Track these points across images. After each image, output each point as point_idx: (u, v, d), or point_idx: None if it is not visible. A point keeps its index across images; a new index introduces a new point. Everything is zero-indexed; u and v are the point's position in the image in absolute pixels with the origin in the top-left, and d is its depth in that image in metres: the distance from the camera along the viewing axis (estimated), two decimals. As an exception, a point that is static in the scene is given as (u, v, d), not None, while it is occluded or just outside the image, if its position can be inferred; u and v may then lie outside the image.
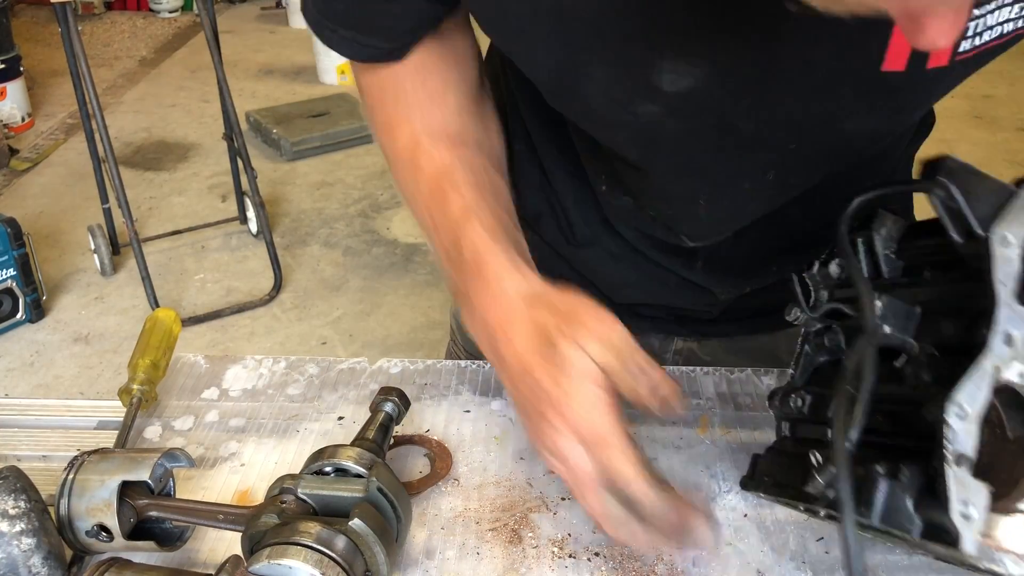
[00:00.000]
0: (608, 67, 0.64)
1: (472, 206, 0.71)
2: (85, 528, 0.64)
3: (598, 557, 0.68)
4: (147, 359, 0.82)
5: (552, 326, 0.63)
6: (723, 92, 0.63)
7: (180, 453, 0.68)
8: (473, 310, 0.69)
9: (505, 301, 0.66)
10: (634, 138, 0.70)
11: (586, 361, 0.61)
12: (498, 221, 0.71)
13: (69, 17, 2.67)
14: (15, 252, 2.79)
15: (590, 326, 0.62)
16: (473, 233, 0.69)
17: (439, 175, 0.73)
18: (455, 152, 0.74)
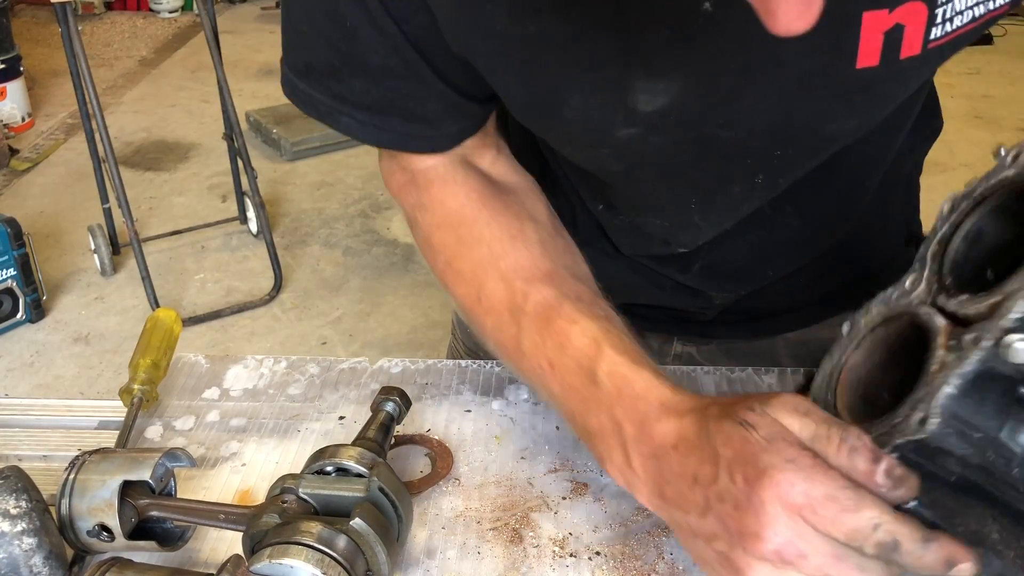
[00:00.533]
0: (584, 93, 0.63)
1: (598, 336, 0.64)
2: (86, 528, 0.64)
3: (599, 556, 0.68)
4: (148, 359, 0.82)
5: (726, 413, 0.54)
6: (700, 105, 0.62)
7: (181, 453, 0.68)
8: (627, 440, 0.60)
9: (666, 420, 0.58)
10: (617, 156, 0.69)
11: (776, 426, 0.52)
12: (630, 347, 0.64)
13: (69, 17, 2.67)
14: (15, 252, 2.79)
15: (775, 399, 0.53)
16: (609, 363, 0.62)
17: (548, 316, 0.66)
18: (556, 289, 0.68)
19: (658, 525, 0.71)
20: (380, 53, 0.65)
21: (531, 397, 0.85)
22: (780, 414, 0.52)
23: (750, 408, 0.53)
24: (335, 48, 0.67)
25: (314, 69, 0.69)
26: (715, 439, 0.53)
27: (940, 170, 4.09)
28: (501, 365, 0.89)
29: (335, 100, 0.70)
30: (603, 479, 0.75)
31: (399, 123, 0.70)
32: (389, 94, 0.68)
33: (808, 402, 0.53)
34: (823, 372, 0.60)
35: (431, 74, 0.66)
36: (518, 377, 0.71)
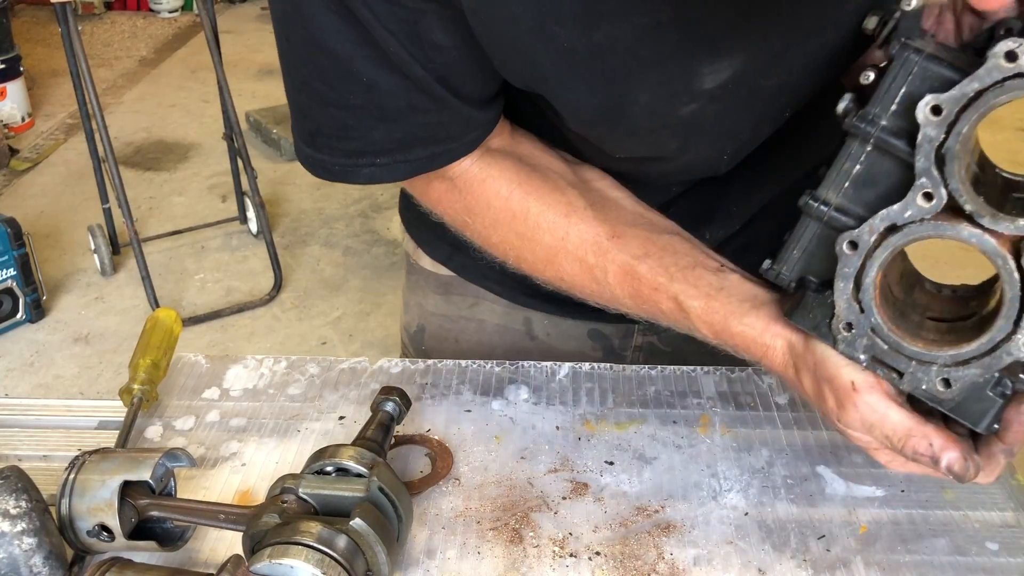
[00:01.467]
0: (651, 88, 0.66)
1: (679, 297, 0.69)
2: (86, 528, 0.64)
3: (599, 556, 0.68)
4: (148, 359, 0.82)
5: (819, 408, 0.64)
6: (755, 70, 0.66)
7: (181, 453, 0.68)
8: (750, 357, 0.68)
9: (774, 369, 0.66)
10: (675, 134, 0.71)
11: (862, 440, 0.62)
12: (707, 293, 0.68)
13: (69, 17, 2.67)
14: (15, 252, 2.79)
15: (846, 412, 0.61)
16: (699, 321, 0.68)
17: (629, 283, 0.71)
18: (623, 251, 0.71)
19: (658, 525, 0.71)
20: (402, 96, 0.66)
21: (531, 397, 0.85)
22: (854, 431, 0.62)
23: (836, 420, 0.62)
24: (348, 107, 0.68)
25: (321, 135, 0.70)
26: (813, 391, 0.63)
27: (940, 170, 4.10)
28: (501, 365, 0.89)
29: (350, 157, 0.71)
30: (603, 479, 0.75)
31: (422, 150, 0.71)
32: (412, 129, 0.69)
33: (870, 414, 0.60)
34: (844, 294, 0.59)
35: (456, 100, 0.68)
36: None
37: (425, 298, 1.01)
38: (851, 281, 0.59)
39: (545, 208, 0.73)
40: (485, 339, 0.99)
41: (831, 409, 0.62)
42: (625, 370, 0.89)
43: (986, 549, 0.69)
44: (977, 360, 0.55)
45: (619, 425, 0.82)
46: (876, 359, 0.59)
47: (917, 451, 0.58)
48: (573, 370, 0.89)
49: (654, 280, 0.70)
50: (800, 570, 0.67)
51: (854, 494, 0.74)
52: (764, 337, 0.65)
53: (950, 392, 0.57)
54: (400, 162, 0.71)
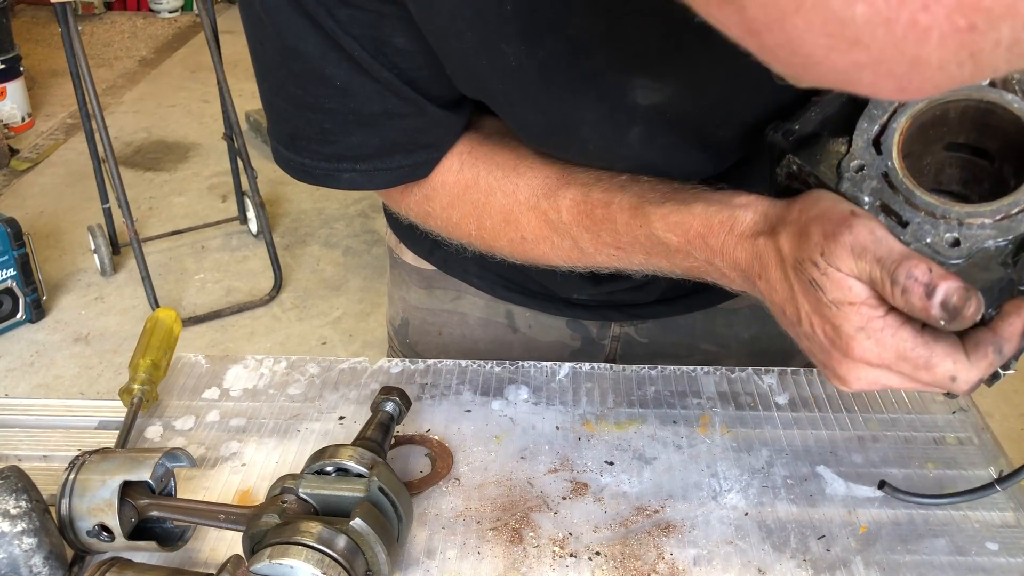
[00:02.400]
0: (593, 104, 0.65)
1: (634, 201, 0.66)
2: (86, 528, 0.64)
3: (599, 556, 0.68)
4: (148, 359, 0.82)
5: (796, 259, 0.56)
6: (698, 112, 0.64)
7: (181, 453, 0.68)
8: (724, 275, 0.64)
9: (742, 245, 0.61)
10: (628, 165, 0.70)
11: (842, 286, 0.54)
12: (668, 191, 0.66)
13: (69, 17, 2.67)
14: (15, 252, 2.79)
15: (834, 243, 0.54)
16: (659, 219, 0.64)
17: (583, 211, 0.69)
18: (575, 187, 0.70)
19: (658, 525, 0.71)
20: (376, 100, 0.66)
21: (531, 397, 0.85)
22: (841, 261, 0.53)
23: (815, 264, 0.55)
24: (324, 111, 0.67)
25: (300, 137, 0.70)
26: (794, 286, 0.57)
27: (940, 170, 4.09)
28: (501, 365, 0.89)
29: (330, 161, 0.70)
30: (603, 479, 0.75)
31: (403, 158, 0.71)
32: (391, 135, 0.69)
33: (865, 234, 0.53)
34: (864, 134, 0.56)
35: (429, 104, 0.67)
36: (601, 270, 0.73)
37: (408, 292, 1.02)
38: (876, 123, 0.55)
39: (494, 167, 0.72)
40: (468, 332, 0.99)
41: (815, 244, 0.54)
42: (625, 370, 0.89)
43: (986, 549, 0.69)
44: (995, 222, 0.50)
45: (619, 425, 0.82)
46: (881, 205, 0.54)
47: (912, 274, 0.50)
48: (573, 370, 0.89)
49: (607, 197, 0.68)
50: (800, 570, 0.67)
51: (854, 494, 0.74)
52: (732, 206, 0.61)
53: (956, 252, 0.51)
54: (380, 169, 0.70)
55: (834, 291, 0.54)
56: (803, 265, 0.55)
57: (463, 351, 0.98)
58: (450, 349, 1.00)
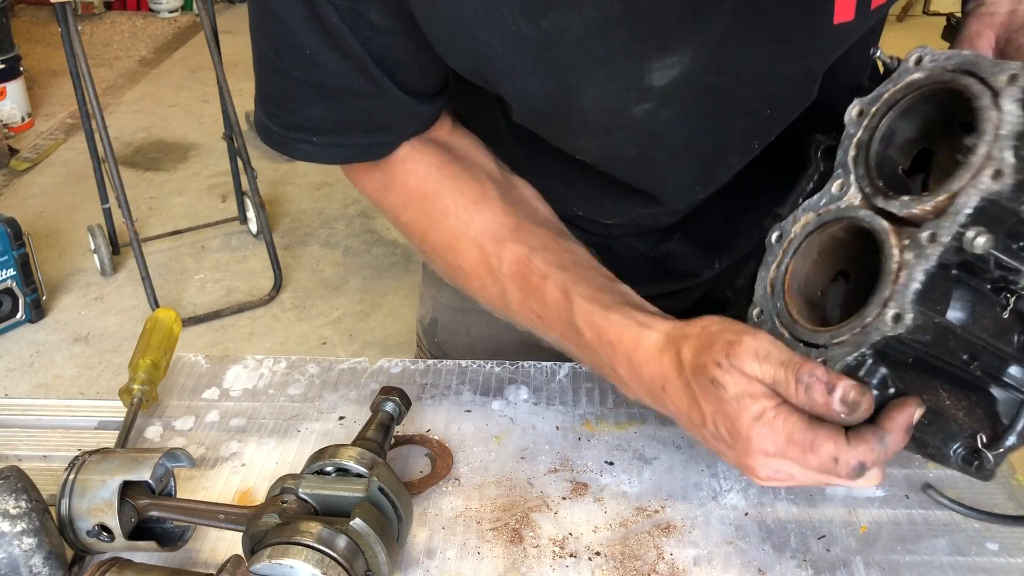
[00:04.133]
0: (600, 83, 0.65)
1: (568, 286, 0.69)
2: (86, 528, 0.64)
3: (599, 556, 0.68)
4: (148, 359, 0.82)
5: (698, 364, 0.60)
6: (702, 65, 0.66)
7: (181, 453, 0.68)
8: (624, 383, 0.68)
9: (647, 364, 0.65)
10: (631, 137, 0.70)
11: (741, 382, 0.58)
12: (598, 287, 0.69)
13: (69, 17, 2.67)
14: (15, 252, 2.79)
15: (738, 346, 0.59)
16: (582, 313, 0.68)
17: (523, 274, 0.72)
18: (524, 244, 0.72)
19: (658, 525, 0.71)
20: (342, 76, 0.67)
21: (531, 397, 0.85)
22: (744, 363, 0.58)
23: (717, 364, 0.59)
24: (291, 78, 0.68)
25: (268, 99, 0.72)
26: (695, 392, 0.61)
27: (940, 170, 4.09)
28: (501, 365, 0.89)
29: (288, 130, 0.72)
30: (603, 479, 0.75)
31: (361, 136, 0.72)
32: (351, 113, 0.70)
33: (767, 343, 0.58)
34: (763, 282, 0.63)
35: (393, 87, 0.68)
36: (516, 325, 0.76)
37: (439, 291, 1.03)
38: (770, 270, 0.62)
39: (457, 193, 0.74)
40: (495, 332, 0.99)
41: (719, 350, 0.59)
42: (625, 370, 0.89)
43: (986, 549, 0.69)
44: (852, 337, 0.56)
45: (619, 425, 0.82)
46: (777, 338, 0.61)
47: (814, 373, 0.55)
48: (573, 370, 0.89)
49: (546, 269, 0.70)
50: (800, 570, 0.67)
51: (854, 494, 0.74)
52: (639, 324, 0.65)
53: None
54: (336, 145, 0.72)
55: (734, 386, 0.58)
56: (705, 368, 0.60)
57: (490, 351, 0.98)
58: (477, 349, 1.00)
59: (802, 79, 0.68)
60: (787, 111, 0.71)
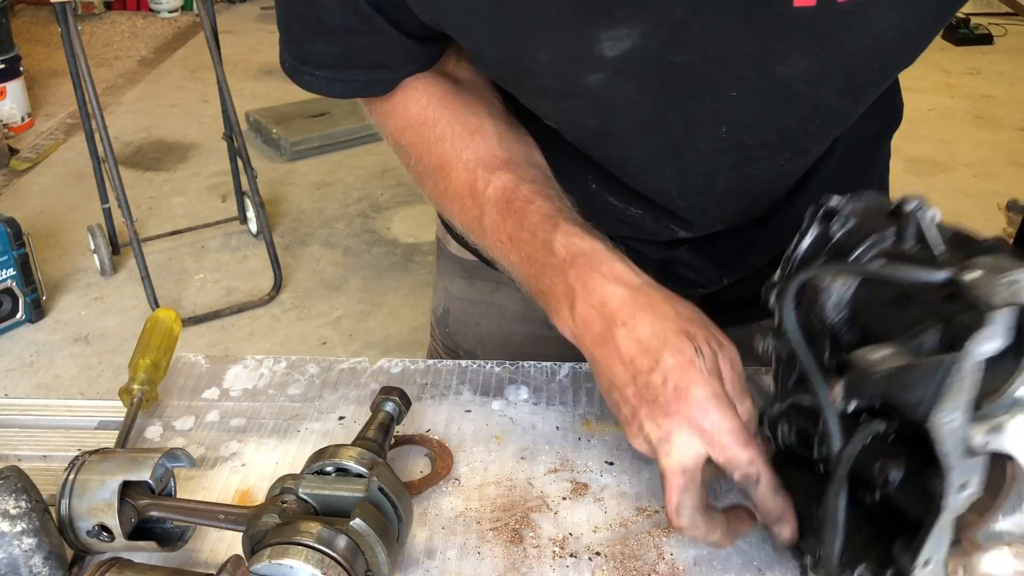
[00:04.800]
0: (551, 48, 0.67)
1: (552, 212, 0.71)
2: (86, 528, 0.64)
3: (599, 556, 0.68)
4: (148, 359, 0.82)
5: (689, 331, 0.64)
6: (658, 43, 0.66)
7: (181, 453, 0.68)
8: (576, 300, 0.68)
9: (624, 285, 0.66)
10: (590, 107, 0.72)
11: (717, 365, 0.63)
12: (582, 223, 0.71)
13: (69, 17, 2.67)
14: (15, 252, 2.79)
15: (730, 347, 0.65)
16: (565, 234, 0.69)
17: (507, 196, 0.73)
18: (513, 173, 0.75)
19: (658, 525, 0.71)
20: (337, 13, 0.70)
21: (531, 397, 0.85)
22: (723, 358, 0.64)
23: (707, 341, 0.64)
24: (295, 14, 0.73)
25: (283, 31, 0.76)
26: (668, 344, 0.63)
27: (940, 170, 4.09)
28: (501, 365, 0.89)
29: (298, 61, 0.76)
30: (603, 479, 0.75)
31: (360, 73, 0.76)
32: (349, 49, 0.74)
33: (737, 356, 0.65)
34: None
35: (387, 26, 0.71)
36: (483, 252, 0.79)
37: (451, 282, 1.04)
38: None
39: (456, 123, 0.77)
40: (505, 325, 1.00)
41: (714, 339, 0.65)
42: (625, 370, 0.89)
43: (986, 549, 0.69)
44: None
45: (619, 425, 0.81)
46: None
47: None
48: (573, 370, 0.89)
49: (531, 196, 0.73)
50: (800, 570, 0.67)
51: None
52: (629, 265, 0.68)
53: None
54: (338, 80, 0.77)
55: (711, 363, 0.63)
56: (695, 333, 0.65)
57: (499, 343, 0.99)
58: (487, 341, 1.01)
59: (769, 63, 0.68)
60: (753, 94, 0.71)
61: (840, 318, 0.60)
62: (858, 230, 0.62)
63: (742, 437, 0.61)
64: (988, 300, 0.49)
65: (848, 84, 0.72)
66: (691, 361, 0.62)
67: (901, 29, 0.68)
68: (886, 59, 0.72)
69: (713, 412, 0.61)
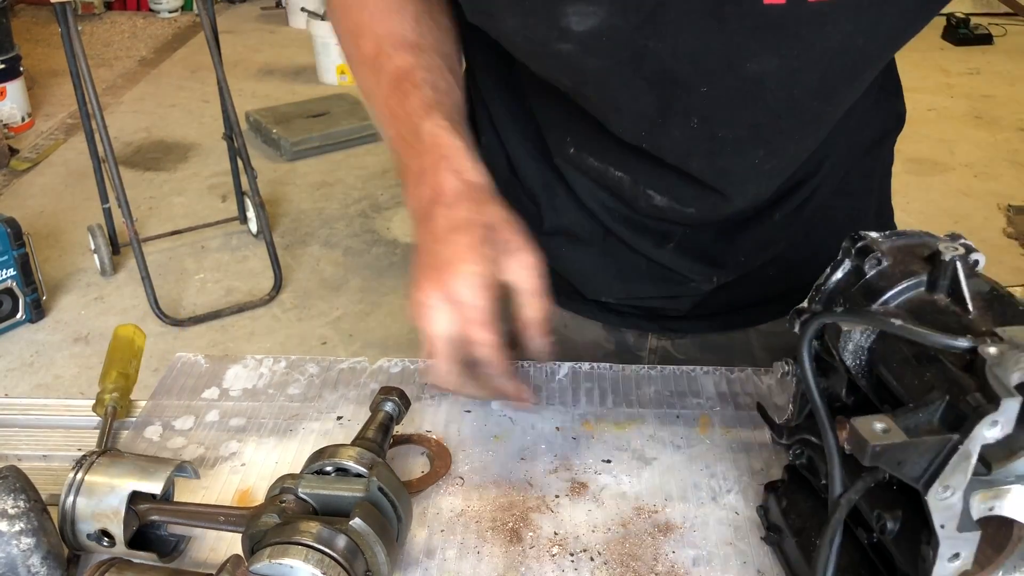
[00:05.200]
0: (518, 15, 0.70)
1: (432, 103, 0.76)
2: (87, 531, 0.64)
3: (599, 556, 0.68)
4: (114, 371, 0.82)
5: (494, 226, 0.70)
6: (627, 26, 0.68)
7: (189, 466, 0.68)
8: (421, 179, 0.74)
9: (463, 180, 0.72)
10: (562, 68, 0.75)
11: (487, 268, 0.68)
12: (455, 121, 0.77)
13: (69, 17, 2.67)
14: (15, 252, 2.79)
15: (525, 250, 0.70)
16: (434, 124, 0.75)
17: (401, 76, 0.79)
18: (415, 57, 0.80)
19: (657, 525, 0.71)
20: None
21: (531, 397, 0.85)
22: (512, 259, 0.70)
23: (507, 240, 0.70)
24: None
25: None
26: (467, 226, 0.69)
27: (940, 170, 4.09)
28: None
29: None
30: (602, 479, 0.75)
31: None
32: None
33: (531, 265, 0.71)
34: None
35: None
36: (371, 117, 0.84)
37: None
38: None
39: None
40: (506, 324, 1.00)
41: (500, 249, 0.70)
42: (624, 370, 0.89)
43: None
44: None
45: (618, 425, 0.82)
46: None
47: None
48: (572, 370, 0.89)
49: (422, 83, 0.78)
50: (799, 570, 0.67)
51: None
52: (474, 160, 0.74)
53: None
54: None
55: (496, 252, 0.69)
56: (499, 228, 0.71)
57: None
58: None
59: (739, 60, 0.69)
60: (722, 90, 0.72)
61: (857, 364, 0.59)
62: (892, 271, 0.59)
63: (485, 320, 0.67)
64: (1004, 382, 0.48)
65: (820, 84, 0.72)
66: (473, 245, 0.68)
67: (874, 31, 0.68)
68: (858, 60, 0.72)
69: (468, 290, 0.66)
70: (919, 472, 0.50)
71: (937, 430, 0.50)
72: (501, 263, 0.69)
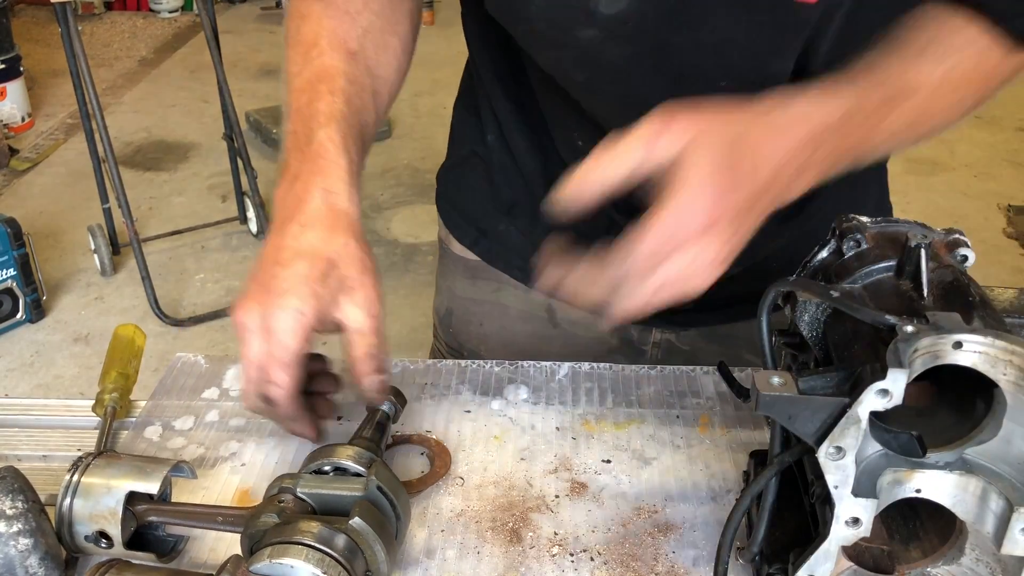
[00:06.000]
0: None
1: (337, 115, 0.76)
2: (85, 532, 0.64)
3: (599, 556, 0.68)
4: (114, 371, 0.82)
5: (330, 257, 0.69)
6: (656, 14, 0.67)
7: (186, 466, 0.68)
8: (293, 183, 0.73)
9: (326, 202, 0.72)
10: (579, 60, 0.73)
11: (314, 306, 0.67)
12: (350, 141, 0.77)
13: (69, 17, 2.67)
14: (15, 252, 2.79)
15: (365, 288, 0.69)
16: (328, 135, 0.75)
17: (324, 75, 0.78)
18: (346, 64, 0.79)
19: (657, 525, 0.71)
20: None
21: (530, 397, 0.85)
22: (352, 291, 0.69)
23: (348, 268, 0.69)
24: None
25: None
26: (310, 251, 0.69)
27: (940, 170, 4.09)
28: (500, 365, 0.89)
29: None
30: (602, 479, 0.75)
31: None
32: None
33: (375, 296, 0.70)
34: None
35: None
36: (282, 102, 0.84)
37: (454, 282, 1.05)
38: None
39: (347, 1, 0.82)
40: (508, 324, 1.01)
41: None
42: (624, 370, 0.89)
43: (986, 549, 0.69)
44: None
45: (618, 425, 0.82)
46: None
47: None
48: (572, 370, 0.89)
49: (339, 90, 0.77)
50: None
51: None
52: (333, 193, 0.73)
53: None
54: None
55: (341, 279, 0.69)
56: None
57: (503, 343, 0.99)
58: (490, 340, 1.01)
59: (763, 57, 0.69)
60: (742, 87, 0.71)
61: (812, 336, 0.62)
62: (868, 253, 0.62)
63: (287, 362, 0.67)
64: (899, 355, 0.50)
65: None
66: (308, 279, 0.67)
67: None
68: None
69: (285, 327, 0.66)
70: (811, 430, 0.53)
71: (833, 393, 0.53)
72: (338, 300, 0.68)
